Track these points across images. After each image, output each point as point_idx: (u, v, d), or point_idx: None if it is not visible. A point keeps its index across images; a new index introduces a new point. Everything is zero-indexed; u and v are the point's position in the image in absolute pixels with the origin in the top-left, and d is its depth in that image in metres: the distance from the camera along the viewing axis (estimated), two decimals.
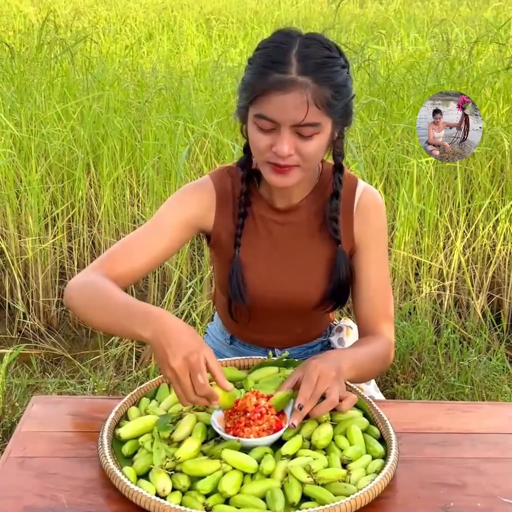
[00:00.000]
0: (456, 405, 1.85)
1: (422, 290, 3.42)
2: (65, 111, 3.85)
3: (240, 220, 1.64)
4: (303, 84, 1.41)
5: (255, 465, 1.29)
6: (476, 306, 3.47)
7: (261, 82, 1.43)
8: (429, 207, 3.47)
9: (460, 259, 3.48)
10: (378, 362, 1.61)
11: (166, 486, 1.25)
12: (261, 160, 1.52)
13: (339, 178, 1.63)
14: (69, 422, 1.50)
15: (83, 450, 1.39)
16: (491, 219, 3.69)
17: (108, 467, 1.28)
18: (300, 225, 1.66)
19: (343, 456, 1.32)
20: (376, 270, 1.68)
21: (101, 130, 3.70)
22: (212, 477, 1.26)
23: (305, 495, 1.25)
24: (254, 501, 1.23)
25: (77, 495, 1.27)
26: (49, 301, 3.70)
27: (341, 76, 1.47)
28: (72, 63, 3.98)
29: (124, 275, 1.57)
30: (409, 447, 1.40)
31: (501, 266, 3.72)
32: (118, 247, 1.62)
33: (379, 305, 1.67)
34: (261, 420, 1.35)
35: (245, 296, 1.65)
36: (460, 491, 1.30)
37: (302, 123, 1.43)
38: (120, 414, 1.46)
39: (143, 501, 1.21)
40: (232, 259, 1.65)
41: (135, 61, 5.11)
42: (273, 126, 1.45)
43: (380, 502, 1.26)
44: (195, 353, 1.27)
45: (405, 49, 5.04)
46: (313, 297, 1.66)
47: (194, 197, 1.66)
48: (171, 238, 1.62)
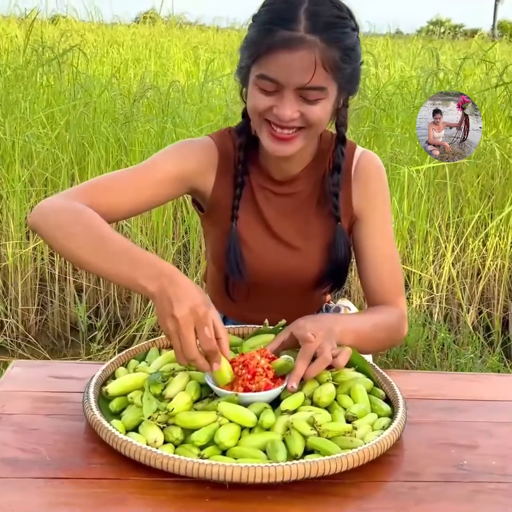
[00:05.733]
0: (462, 375, 1.78)
1: (412, 301, 3.36)
2: (51, 116, 3.78)
3: (237, 190, 1.56)
4: (311, 43, 1.32)
5: (254, 418, 1.19)
6: (467, 320, 3.40)
7: (266, 39, 1.33)
8: (419, 219, 3.43)
9: (451, 271, 3.43)
10: (385, 331, 1.50)
11: (158, 437, 1.15)
12: (258, 121, 1.42)
13: (341, 151, 1.55)
14: (52, 383, 1.40)
15: (66, 409, 1.29)
16: (480, 233, 3.65)
17: (94, 418, 1.18)
18: (299, 197, 1.58)
19: (348, 413, 1.23)
20: (381, 239, 1.58)
21: (87, 134, 3.64)
22: (208, 428, 1.16)
23: (308, 450, 1.15)
24: (254, 452, 1.13)
25: (59, 448, 1.16)
26: (28, 309, 3.58)
27: (351, 38, 1.38)
28: (59, 71, 3.93)
29: (106, 213, 1.39)
30: (415, 411, 1.32)
31: (490, 281, 3.67)
32: (103, 182, 1.46)
33: (386, 277, 1.57)
34: (252, 381, 1.26)
35: (244, 271, 1.56)
36: (473, 451, 1.22)
37: (307, 86, 1.34)
38: (107, 373, 1.36)
39: (132, 450, 1.10)
40: (228, 232, 1.55)
41: (122, 81, 5.08)
42: (276, 87, 1.36)
43: (389, 459, 1.17)
44: (204, 306, 1.17)
45: (392, 76, 5.06)
46: (311, 274, 1.58)
47: (194, 152, 1.55)
48: (162, 186, 1.49)
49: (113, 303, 3.75)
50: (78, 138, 3.67)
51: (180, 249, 3.80)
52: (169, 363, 1.35)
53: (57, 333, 3.61)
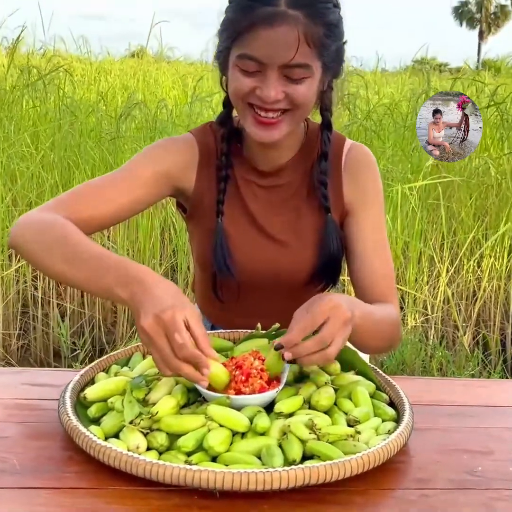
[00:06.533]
0: (470, 381, 1.66)
1: (407, 322, 3.26)
2: (36, 137, 3.70)
3: (221, 184, 1.48)
4: (293, 18, 1.26)
5: (246, 422, 1.08)
6: (464, 341, 3.30)
7: (246, 16, 1.27)
8: (413, 238, 3.35)
9: (447, 292, 3.34)
10: (388, 328, 1.37)
11: (141, 443, 1.04)
12: (242, 106, 1.36)
13: (328, 137, 1.48)
14: (26, 390, 1.28)
15: (41, 416, 1.18)
16: (475, 253, 3.57)
17: (70, 424, 1.07)
18: (286, 189, 1.50)
19: (349, 416, 1.12)
20: (372, 233, 1.48)
21: (73, 154, 3.55)
22: (196, 433, 1.05)
23: (307, 455, 1.04)
24: (247, 457, 1.02)
25: (31, 457, 1.05)
26: (9, 333, 3.45)
27: (333, 14, 1.33)
28: (44, 92, 3.85)
29: (86, 222, 1.34)
30: (422, 417, 1.20)
31: (486, 302, 3.58)
32: (83, 190, 1.41)
33: (379, 275, 1.46)
34: (246, 383, 1.15)
35: (232, 268, 1.46)
36: (486, 457, 1.11)
37: (291, 63, 1.28)
38: (86, 379, 1.25)
39: (111, 457, 0.99)
40: (214, 229, 1.47)
41: (109, 104, 5.02)
42: (258, 67, 1.29)
43: (395, 466, 1.06)
44: (169, 310, 1.05)
45: (381, 98, 5.03)
46: (302, 270, 1.48)
47: (173, 150, 1.49)
48: (143, 189, 1.43)
49: (98, 328, 3.63)
50: (63, 158, 3.59)
51: (167, 270, 3.69)
52: (154, 367, 1.24)
53: (40, 359, 3.48)
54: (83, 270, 1.19)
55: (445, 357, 2.82)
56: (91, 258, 1.19)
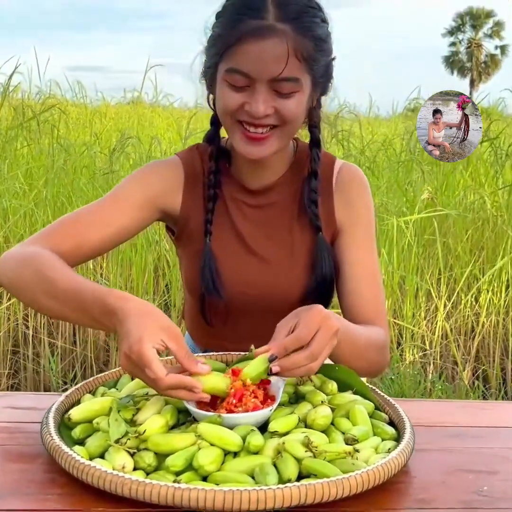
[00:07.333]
0: (472, 403, 1.60)
1: (405, 357, 3.20)
2: (29, 175, 3.68)
3: (210, 204, 1.44)
4: (282, 32, 1.25)
5: (239, 441, 1.02)
6: (463, 377, 3.24)
7: (234, 30, 1.26)
8: (410, 273, 3.31)
9: (445, 327, 3.29)
10: (375, 350, 1.33)
11: (127, 463, 0.99)
12: (230, 123, 1.34)
13: (317, 154, 1.45)
14: (9, 414, 1.23)
15: (23, 439, 1.12)
16: (472, 288, 3.53)
17: (53, 444, 1.01)
18: (276, 208, 1.47)
19: (347, 435, 1.07)
20: (363, 254, 1.44)
21: (65, 191, 3.52)
22: (186, 452, 0.99)
23: (303, 475, 0.98)
24: (240, 476, 0.96)
25: (11, 479, 0.99)
26: (0, 373, 3.38)
27: (322, 29, 1.32)
28: (38, 131, 3.85)
29: (73, 252, 1.33)
30: (423, 438, 1.14)
31: (485, 338, 3.53)
32: (68, 220, 1.39)
33: (368, 297, 1.42)
34: (240, 403, 1.09)
35: (221, 289, 1.42)
36: (492, 477, 1.05)
37: (280, 77, 1.26)
38: (71, 400, 1.19)
39: (96, 476, 0.93)
40: (202, 251, 1.43)
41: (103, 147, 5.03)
42: (247, 82, 1.28)
43: (396, 486, 1.00)
44: (135, 345, 1.02)
45: (375, 136, 5.06)
46: (293, 291, 1.43)
47: (158, 173, 1.47)
48: (130, 215, 1.40)
49: (90, 368, 3.56)
50: (56, 196, 3.57)
51: (161, 307, 3.64)
52: (143, 388, 1.18)
53: None
54: (67, 305, 1.19)
55: (445, 390, 2.76)
56: (71, 293, 1.18)
